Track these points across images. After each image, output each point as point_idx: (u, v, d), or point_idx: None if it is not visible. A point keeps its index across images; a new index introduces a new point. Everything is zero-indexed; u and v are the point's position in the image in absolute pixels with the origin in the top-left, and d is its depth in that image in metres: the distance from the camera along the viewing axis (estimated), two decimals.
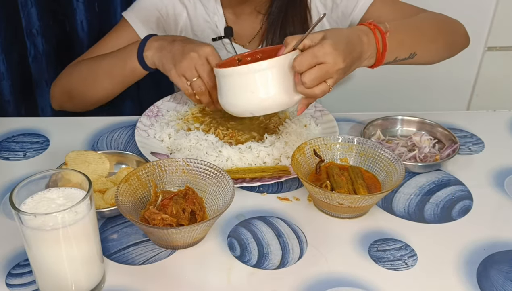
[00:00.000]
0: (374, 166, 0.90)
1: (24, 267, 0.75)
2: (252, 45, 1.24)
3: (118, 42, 1.17)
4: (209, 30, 1.21)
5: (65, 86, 1.18)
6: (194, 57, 0.98)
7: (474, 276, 0.75)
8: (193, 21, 1.21)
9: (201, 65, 0.98)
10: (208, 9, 1.20)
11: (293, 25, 1.18)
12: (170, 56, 1.00)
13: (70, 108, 1.21)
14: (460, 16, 1.22)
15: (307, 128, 1.05)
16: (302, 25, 1.19)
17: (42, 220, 0.63)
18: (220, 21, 1.21)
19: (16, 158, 0.99)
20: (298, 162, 0.88)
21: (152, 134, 1.03)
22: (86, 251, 0.68)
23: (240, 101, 0.86)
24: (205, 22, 1.21)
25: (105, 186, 0.87)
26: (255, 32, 1.23)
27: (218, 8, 1.20)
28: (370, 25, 0.92)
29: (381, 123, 1.07)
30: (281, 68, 0.84)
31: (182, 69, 0.99)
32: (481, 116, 1.18)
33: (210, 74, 0.98)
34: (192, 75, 0.99)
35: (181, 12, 1.21)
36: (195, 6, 1.21)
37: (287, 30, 1.18)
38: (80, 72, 1.16)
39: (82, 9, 1.41)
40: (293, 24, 1.18)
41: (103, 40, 1.21)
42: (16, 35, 1.41)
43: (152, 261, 0.77)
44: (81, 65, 1.17)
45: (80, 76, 1.15)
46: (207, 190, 0.83)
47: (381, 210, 0.88)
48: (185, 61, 0.98)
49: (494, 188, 0.94)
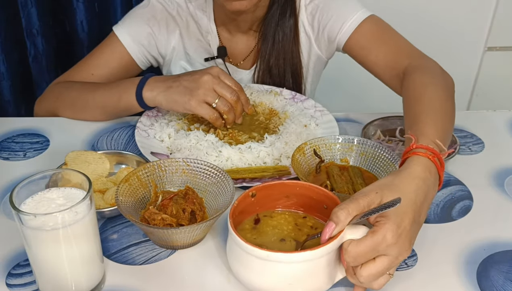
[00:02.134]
0: (374, 166, 0.90)
1: (24, 267, 0.75)
2: (246, 64, 1.23)
3: (108, 59, 1.15)
4: (202, 49, 1.20)
5: (51, 108, 1.14)
6: (209, 80, 0.96)
7: (474, 276, 0.75)
8: (185, 40, 1.19)
9: (218, 84, 0.97)
10: (201, 28, 1.18)
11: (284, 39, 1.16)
12: (181, 90, 0.97)
13: None
14: (460, 16, 1.22)
15: (307, 128, 1.05)
16: (294, 40, 1.16)
17: (42, 220, 0.63)
18: (213, 40, 1.19)
19: (16, 158, 0.99)
20: (298, 162, 0.88)
21: (152, 134, 1.03)
22: (86, 251, 0.68)
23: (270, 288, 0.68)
24: (198, 41, 1.19)
25: (105, 186, 0.87)
26: (249, 50, 1.22)
27: (212, 26, 1.18)
28: (424, 150, 0.74)
29: (381, 123, 1.07)
30: (331, 254, 0.67)
31: (201, 96, 0.97)
32: (481, 116, 1.18)
33: (229, 89, 0.98)
34: (214, 97, 0.97)
35: (174, 30, 1.18)
36: (188, 25, 1.18)
37: (279, 44, 1.16)
38: (68, 97, 1.11)
39: (82, 9, 1.42)
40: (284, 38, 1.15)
41: (92, 55, 1.17)
42: (16, 35, 1.41)
43: (152, 261, 0.77)
44: (70, 89, 1.12)
45: (68, 100, 1.11)
46: (207, 190, 0.83)
47: None
48: (201, 88, 0.96)
49: (494, 188, 0.94)
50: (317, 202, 0.76)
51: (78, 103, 1.10)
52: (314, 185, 0.76)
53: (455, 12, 1.72)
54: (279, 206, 0.78)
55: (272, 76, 1.20)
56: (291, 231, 0.75)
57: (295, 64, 1.19)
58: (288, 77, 1.20)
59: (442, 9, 1.70)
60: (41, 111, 1.17)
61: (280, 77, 1.20)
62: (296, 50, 1.18)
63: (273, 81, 1.20)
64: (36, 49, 1.46)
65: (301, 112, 1.11)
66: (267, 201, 0.77)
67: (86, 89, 1.11)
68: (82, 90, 1.11)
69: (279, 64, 1.18)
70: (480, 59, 1.82)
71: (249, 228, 0.75)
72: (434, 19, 1.72)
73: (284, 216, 0.77)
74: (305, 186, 0.76)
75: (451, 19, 1.73)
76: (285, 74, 1.19)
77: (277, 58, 1.18)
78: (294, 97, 1.16)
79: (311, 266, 0.66)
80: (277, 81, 1.20)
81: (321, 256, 0.65)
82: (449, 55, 1.76)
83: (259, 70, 1.20)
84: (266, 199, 0.76)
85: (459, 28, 1.73)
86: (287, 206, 0.78)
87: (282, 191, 0.77)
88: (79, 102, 1.10)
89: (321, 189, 0.75)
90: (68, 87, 1.13)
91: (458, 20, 1.74)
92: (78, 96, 1.11)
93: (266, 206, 0.77)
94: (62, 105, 1.12)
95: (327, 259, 0.66)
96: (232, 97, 0.98)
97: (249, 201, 0.75)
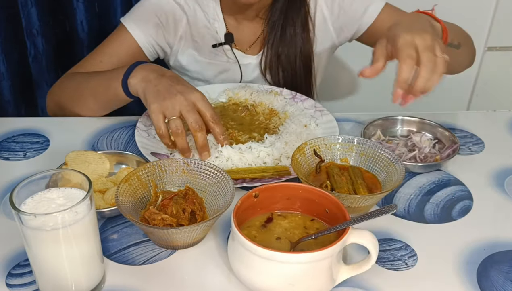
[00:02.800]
0: (374, 166, 0.90)
1: (24, 267, 0.75)
2: (253, 50, 1.24)
3: (117, 49, 1.15)
4: (209, 36, 1.21)
5: (56, 98, 1.15)
6: (180, 99, 0.92)
7: (474, 276, 0.75)
8: (192, 28, 1.20)
9: (186, 107, 0.92)
10: (208, 15, 1.19)
11: (294, 27, 1.18)
12: (154, 91, 0.94)
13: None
14: (460, 16, 1.22)
15: (307, 128, 1.05)
16: (303, 27, 1.18)
17: (42, 220, 0.63)
18: (220, 27, 1.20)
19: (16, 158, 0.99)
20: (298, 162, 0.88)
21: (152, 134, 1.03)
22: (86, 251, 0.68)
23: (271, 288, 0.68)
24: (205, 28, 1.20)
25: (105, 186, 0.87)
26: (256, 37, 1.23)
27: (218, 14, 1.19)
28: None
29: (381, 123, 1.07)
30: (334, 256, 0.67)
31: (163, 107, 0.92)
32: (481, 116, 1.18)
33: (195, 118, 0.92)
34: (173, 113, 0.91)
35: (181, 19, 1.19)
36: (195, 12, 1.19)
37: (287, 32, 1.18)
38: (69, 87, 1.12)
39: (82, 9, 1.42)
40: (294, 26, 1.18)
41: (101, 47, 1.18)
42: (16, 35, 1.41)
43: (152, 261, 0.77)
44: (72, 78, 1.13)
45: (69, 91, 1.12)
46: (207, 190, 0.83)
47: None
48: (169, 101, 0.92)
49: (494, 188, 0.94)
50: (319, 205, 0.76)
51: (75, 93, 1.10)
52: (317, 188, 0.76)
53: (455, 12, 1.72)
54: (280, 208, 0.78)
55: (282, 63, 1.21)
56: (300, 233, 0.75)
57: (306, 51, 1.20)
58: (300, 64, 1.21)
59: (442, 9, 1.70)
60: (50, 103, 1.17)
61: (291, 64, 1.21)
62: (306, 36, 1.20)
63: (282, 67, 1.21)
64: (36, 49, 1.46)
65: (301, 112, 1.11)
66: (269, 202, 0.77)
67: (85, 77, 1.10)
68: (81, 79, 1.10)
69: (289, 52, 1.19)
70: (480, 59, 1.81)
71: (257, 227, 0.75)
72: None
73: (296, 218, 0.77)
74: (308, 188, 0.76)
75: (451, 19, 1.73)
76: (296, 61, 1.20)
77: (286, 46, 1.19)
78: (294, 97, 1.16)
79: (314, 267, 0.66)
80: (287, 68, 1.21)
81: (324, 258, 0.66)
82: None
83: (266, 56, 1.21)
84: (268, 200, 0.76)
85: None
86: (289, 208, 0.78)
87: (285, 193, 0.77)
88: (76, 92, 1.10)
89: (324, 192, 0.75)
90: (72, 77, 1.13)
91: (458, 20, 1.74)
92: (76, 86, 1.10)
93: (268, 207, 0.77)
94: (64, 96, 1.12)
95: (330, 261, 0.67)
96: (194, 125, 0.92)
97: (252, 201, 0.75)
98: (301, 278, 0.66)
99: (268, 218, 0.77)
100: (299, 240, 0.72)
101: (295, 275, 0.66)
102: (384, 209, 0.70)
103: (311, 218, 0.77)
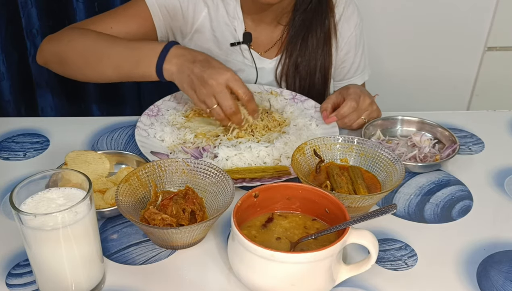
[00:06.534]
0: (374, 166, 0.90)
1: (24, 267, 0.75)
2: (269, 55, 1.23)
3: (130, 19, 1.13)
4: (228, 33, 1.20)
5: (60, 51, 1.09)
6: (212, 85, 0.96)
7: (474, 276, 0.75)
8: (213, 22, 1.19)
9: (219, 93, 0.97)
10: (229, 12, 1.18)
11: (316, 39, 1.18)
12: (189, 81, 0.98)
13: (56, 71, 1.14)
14: (460, 16, 1.22)
15: (307, 129, 1.05)
16: (325, 40, 1.19)
17: (42, 220, 0.63)
18: (239, 26, 1.19)
19: (16, 158, 0.99)
20: (298, 162, 0.88)
21: (152, 133, 1.03)
22: (86, 251, 0.68)
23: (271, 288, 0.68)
24: (225, 25, 1.19)
25: (105, 186, 0.87)
26: (273, 42, 1.23)
27: (238, 12, 1.18)
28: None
29: (381, 123, 1.07)
30: (334, 256, 0.67)
31: (201, 97, 0.98)
32: (481, 116, 1.18)
33: (230, 101, 0.97)
34: (212, 103, 0.98)
35: (201, 11, 1.17)
36: (218, 8, 1.18)
37: (309, 43, 1.18)
38: (81, 44, 1.07)
39: (82, 9, 1.41)
40: (316, 38, 1.18)
41: (114, 13, 1.14)
42: (16, 35, 1.41)
43: (152, 261, 0.77)
44: (85, 36, 1.08)
45: (80, 48, 1.07)
46: (207, 190, 0.83)
47: None
48: (204, 89, 0.97)
49: (494, 188, 0.94)
50: (319, 205, 0.76)
51: (91, 54, 1.07)
52: (317, 188, 0.76)
53: (455, 12, 1.72)
54: (280, 208, 0.78)
55: (300, 73, 1.21)
56: (300, 233, 0.75)
57: (326, 64, 1.22)
58: (319, 76, 1.22)
59: (442, 9, 1.70)
60: (47, 52, 1.12)
61: (311, 75, 1.22)
62: (328, 50, 1.21)
63: (300, 77, 1.21)
64: (36, 49, 1.45)
65: (301, 112, 1.11)
66: (269, 202, 0.77)
67: (104, 41, 1.07)
68: (99, 41, 1.07)
69: (310, 64, 1.20)
70: (480, 59, 1.81)
71: (257, 226, 0.75)
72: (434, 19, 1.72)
73: (297, 218, 0.77)
74: (308, 189, 0.76)
75: (451, 19, 1.73)
76: (316, 73, 1.22)
77: (307, 57, 1.19)
78: (294, 98, 1.16)
79: (314, 267, 0.66)
80: (306, 78, 1.22)
81: (324, 258, 0.66)
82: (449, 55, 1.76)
83: (283, 63, 1.21)
84: (268, 200, 0.76)
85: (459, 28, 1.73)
86: (289, 208, 0.78)
87: (285, 193, 0.77)
88: (93, 54, 1.07)
89: (324, 192, 0.75)
90: (84, 34, 1.10)
91: (458, 20, 1.74)
92: (93, 46, 1.07)
93: (268, 207, 0.77)
94: (72, 51, 1.08)
95: (330, 261, 0.67)
96: (227, 110, 0.98)
97: (252, 201, 0.75)
98: (301, 278, 0.66)
99: (268, 218, 0.77)
100: (299, 240, 0.73)
101: (295, 275, 0.66)
102: (384, 209, 0.70)
103: (311, 218, 0.77)
